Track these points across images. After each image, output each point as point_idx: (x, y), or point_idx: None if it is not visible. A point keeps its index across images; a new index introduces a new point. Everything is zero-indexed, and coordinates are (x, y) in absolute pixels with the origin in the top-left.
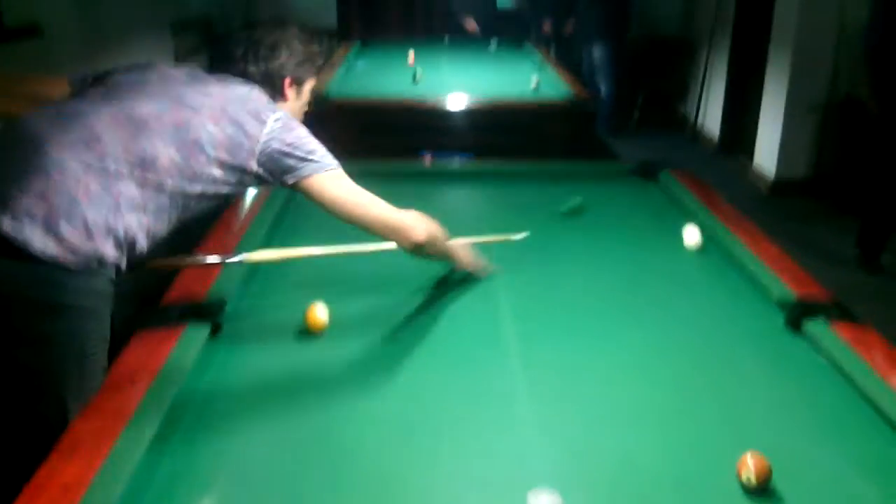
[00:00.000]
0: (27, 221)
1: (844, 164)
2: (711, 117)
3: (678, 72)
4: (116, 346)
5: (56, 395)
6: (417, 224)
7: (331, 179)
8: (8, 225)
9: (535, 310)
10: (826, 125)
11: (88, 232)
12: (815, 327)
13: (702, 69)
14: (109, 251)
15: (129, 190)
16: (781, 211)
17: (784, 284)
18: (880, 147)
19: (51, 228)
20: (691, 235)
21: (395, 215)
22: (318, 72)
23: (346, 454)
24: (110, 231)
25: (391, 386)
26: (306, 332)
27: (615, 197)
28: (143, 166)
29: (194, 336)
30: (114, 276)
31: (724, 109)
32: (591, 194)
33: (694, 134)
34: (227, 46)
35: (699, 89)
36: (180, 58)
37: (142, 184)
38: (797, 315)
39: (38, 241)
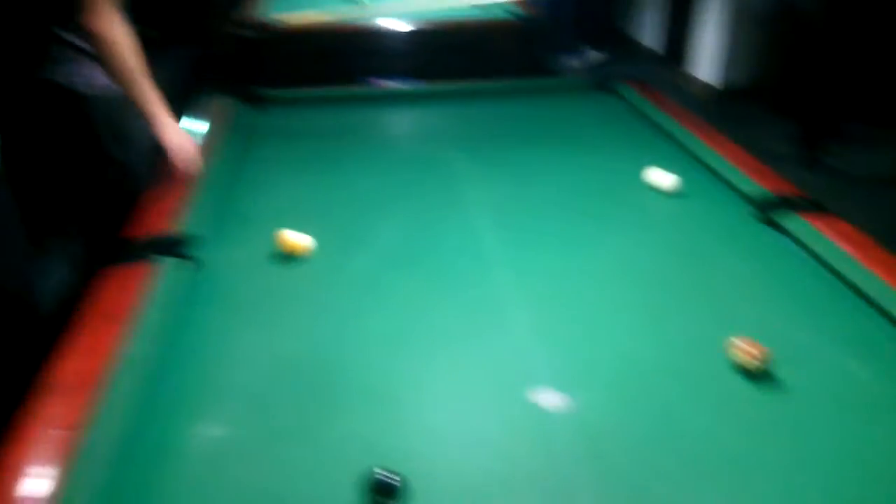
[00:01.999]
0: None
1: (787, 72)
2: (650, 29)
3: None
4: None
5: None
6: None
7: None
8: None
9: (510, 220)
10: (768, 34)
11: None
12: (788, 219)
13: None
14: None
15: None
16: (727, 116)
17: (753, 181)
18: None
19: None
20: (660, 177)
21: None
22: None
23: (340, 370)
24: None
25: (380, 302)
26: (285, 258)
27: (577, 110)
28: None
29: (167, 270)
30: None
31: (663, 21)
32: (554, 109)
33: (631, 46)
34: None
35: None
36: None
37: None
38: (770, 209)
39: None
